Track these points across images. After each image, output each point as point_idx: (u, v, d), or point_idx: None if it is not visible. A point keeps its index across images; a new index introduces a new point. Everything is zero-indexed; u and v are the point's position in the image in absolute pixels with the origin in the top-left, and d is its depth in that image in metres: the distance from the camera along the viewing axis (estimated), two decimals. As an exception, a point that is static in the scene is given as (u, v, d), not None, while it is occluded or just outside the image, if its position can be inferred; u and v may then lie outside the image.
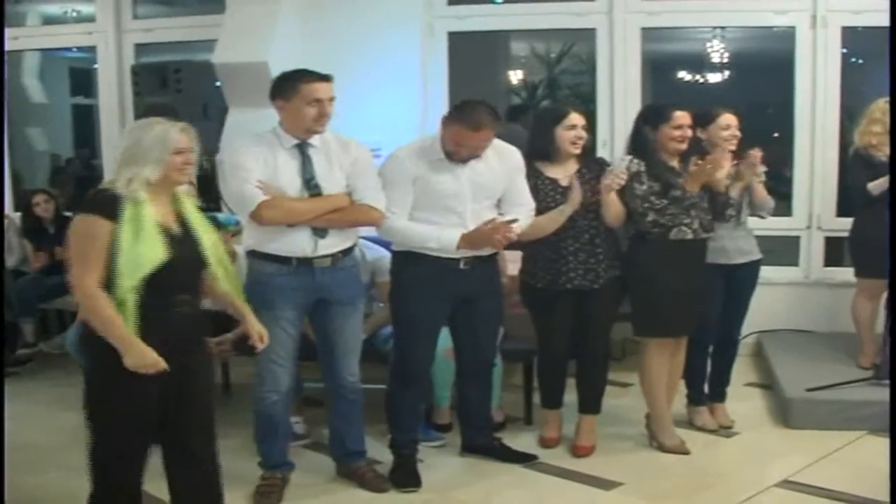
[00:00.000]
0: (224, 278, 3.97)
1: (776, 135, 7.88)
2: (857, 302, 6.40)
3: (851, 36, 7.55)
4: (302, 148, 4.59)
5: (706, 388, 5.85)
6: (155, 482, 4.02)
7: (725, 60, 13.60)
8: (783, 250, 7.54)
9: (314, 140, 4.61)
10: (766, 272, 5.98)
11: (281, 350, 4.63)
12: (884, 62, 11.92)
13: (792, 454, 5.35)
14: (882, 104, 6.16)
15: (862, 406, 5.73)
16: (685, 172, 5.21)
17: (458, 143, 4.74)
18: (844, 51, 7.43)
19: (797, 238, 7.57)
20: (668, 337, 5.32)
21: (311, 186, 4.57)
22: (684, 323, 5.29)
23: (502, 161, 4.97)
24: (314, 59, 6.01)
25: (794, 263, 7.61)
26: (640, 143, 5.25)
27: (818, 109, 7.34)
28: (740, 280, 5.61)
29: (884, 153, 6.04)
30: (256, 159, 4.51)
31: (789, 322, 7.42)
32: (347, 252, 4.76)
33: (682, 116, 5.20)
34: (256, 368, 4.80)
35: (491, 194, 4.91)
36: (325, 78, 4.57)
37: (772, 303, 7.08)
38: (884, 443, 5.43)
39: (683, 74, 15.64)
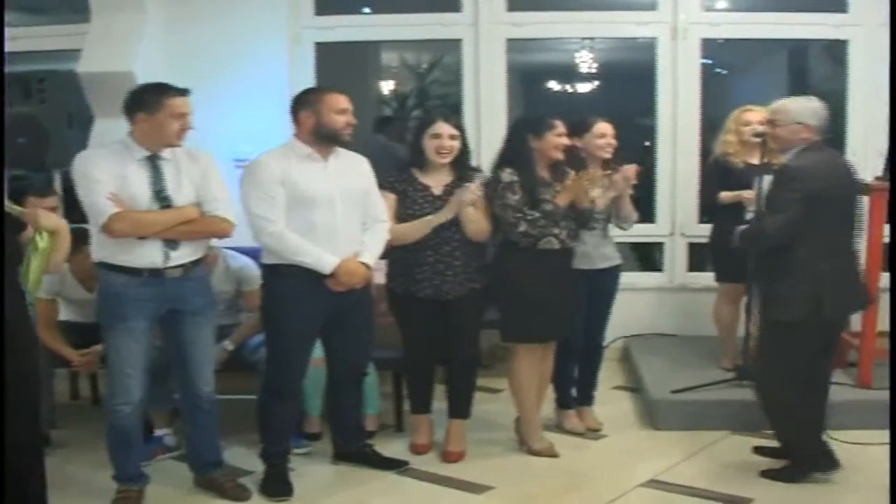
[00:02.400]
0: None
1: (647, 143, 7.99)
2: (718, 306, 6.57)
3: (716, 48, 7.73)
4: (152, 160, 4.57)
5: (574, 392, 5.96)
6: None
7: (594, 71, 13.81)
8: (648, 256, 7.70)
9: (164, 152, 4.59)
10: (631, 278, 6.10)
11: (133, 361, 4.59)
12: (746, 73, 12.25)
13: (658, 454, 5.49)
14: (736, 114, 6.33)
15: (725, 406, 5.92)
16: (556, 183, 5.31)
17: (339, 111, 4.81)
18: (709, 62, 7.60)
19: (661, 244, 7.73)
20: (536, 342, 5.39)
21: (160, 198, 4.54)
22: (552, 328, 5.38)
23: (358, 165, 5.06)
24: (180, 69, 6.02)
25: (659, 269, 7.78)
26: (517, 153, 5.30)
27: (679, 119, 7.49)
28: (603, 285, 5.72)
29: (741, 160, 6.21)
30: (106, 171, 4.46)
31: (655, 326, 7.56)
32: (198, 262, 4.75)
33: (562, 125, 5.30)
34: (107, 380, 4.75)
35: (358, 196, 4.94)
36: (185, 92, 4.58)
37: (637, 308, 7.24)
38: (746, 441, 5.65)
39: (554, 84, 15.85)
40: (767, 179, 5.89)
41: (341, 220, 4.84)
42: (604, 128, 5.56)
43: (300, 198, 4.75)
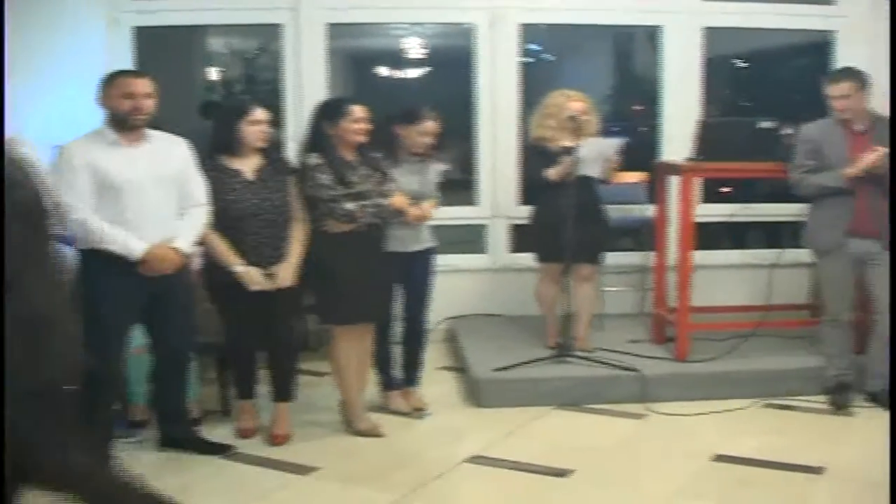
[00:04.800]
0: None
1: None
2: (540, 285, 6.69)
3: (544, 34, 7.86)
4: None
5: (401, 374, 6.04)
6: None
7: (424, 56, 13.90)
8: (473, 239, 7.83)
9: None
10: (455, 260, 6.19)
11: None
12: (574, 59, 12.49)
13: (482, 431, 5.60)
14: (556, 97, 6.44)
15: (547, 382, 6.07)
16: (362, 167, 5.36)
17: (125, 95, 4.75)
18: (538, 48, 7.72)
19: (484, 227, 7.85)
20: (351, 324, 5.43)
21: None
22: (367, 310, 5.44)
23: (176, 147, 5.04)
24: (-7, 52, 5.83)
25: (482, 251, 7.89)
26: (316, 140, 5.34)
27: (498, 104, 7.62)
28: (418, 267, 5.81)
29: (559, 144, 6.33)
30: None
31: (479, 307, 7.69)
32: None
33: (358, 110, 5.34)
34: None
35: (172, 181, 4.92)
36: None
37: (462, 289, 7.37)
38: (569, 415, 5.84)
39: (384, 70, 15.89)
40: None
41: (152, 205, 4.81)
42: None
43: (109, 184, 4.71)
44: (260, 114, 5.27)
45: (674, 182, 6.67)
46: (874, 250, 5.70)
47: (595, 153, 6.17)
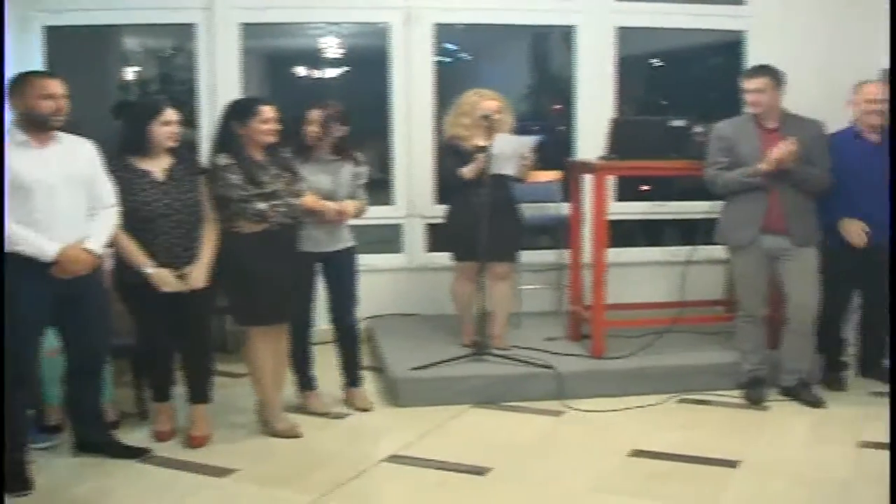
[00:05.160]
0: None
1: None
2: (455, 284, 6.70)
3: (462, 33, 7.86)
4: None
5: (342, 376, 6.11)
6: None
7: (342, 56, 13.87)
8: (389, 239, 7.83)
9: None
10: (372, 260, 6.16)
11: None
12: (492, 59, 12.52)
13: (400, 430, 5.60)
14: (470, 96, 6.47)
15: (464, 381, 6.09)
16: (272, 167, 5.34)
17: (45, 96, 4.67)
18: (455, 47, 7.73)
19: (400, 226, 7.86)
20: (264, 324, 5.41)
21: None
22: (280, 310, 5.42)
23: (83, 149, 4.96)
24: None
25: (398, 251, 7.90)
26: (227, 139, 5.31)
27: (413, 103, 7.64)
28: (338, 267, 5.83)
29: (473, 143, 6.36)
30: None
31: (396, 307, 7.71)
32: None
33: (268, 110, 5.31)
34: None
35: (81, 182, 4.84)
36: None
37: (379, 289, 7.33)
38: (486, 413, 5.88)
39: (302, 70, 15.82)
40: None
41: (63, 206, 4.73)
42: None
43: (18, 186, 4.62)
44: (171, 114, 5.22)
45: (587, 180, 6.71)
46: (785, 246, 5.80)
47: (510, 151, 6.19)
